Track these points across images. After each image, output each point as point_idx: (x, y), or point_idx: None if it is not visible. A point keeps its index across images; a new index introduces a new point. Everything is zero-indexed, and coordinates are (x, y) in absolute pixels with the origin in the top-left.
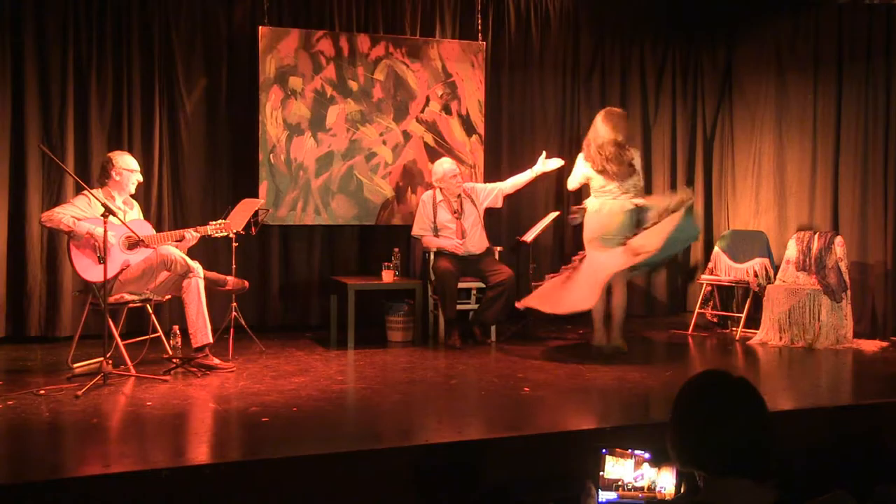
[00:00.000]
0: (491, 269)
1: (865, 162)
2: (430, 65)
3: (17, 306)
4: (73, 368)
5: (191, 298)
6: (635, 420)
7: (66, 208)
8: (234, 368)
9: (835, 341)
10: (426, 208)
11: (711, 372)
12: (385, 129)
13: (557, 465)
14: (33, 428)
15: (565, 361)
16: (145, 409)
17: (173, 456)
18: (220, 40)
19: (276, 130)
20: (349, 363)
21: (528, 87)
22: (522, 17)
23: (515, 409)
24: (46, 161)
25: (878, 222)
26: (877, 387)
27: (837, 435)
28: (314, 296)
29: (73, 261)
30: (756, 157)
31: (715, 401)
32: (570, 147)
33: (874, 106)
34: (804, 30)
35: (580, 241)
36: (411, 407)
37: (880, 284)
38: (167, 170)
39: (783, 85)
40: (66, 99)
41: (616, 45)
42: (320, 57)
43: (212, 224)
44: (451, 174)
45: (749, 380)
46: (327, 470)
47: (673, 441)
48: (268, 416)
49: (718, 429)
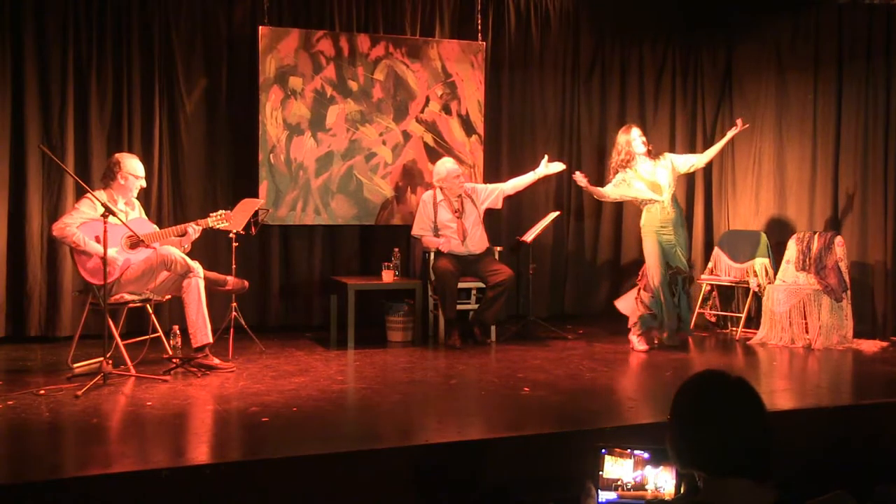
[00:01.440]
0: (491, 269)
1: (865, 162)
2: (429, 65)
3: (17, 306)
4: (73, 368)
5: (191, 298)
6: (635, 420)
7: (74, 217)
8: (234, 368)
9: (835, 341)
10: (426, 208)
11: (709, 372)
12: (385, 129)
13: (557, 465)
14: (33, 428)
15: (565, 361)
16: (145, 409)
17: (173, 456)
18: (220, 40)
19: (276, 130)
20: (349, 363)
21: (527, 87)
22: (522, 17)
23: (515, 409)
24: (46, 161)
25: (878, 222)
26: (877, 387)
27: (837, 435)
28: (314, 296)
29: (78, 261)
30: (756, 157)
31: (713, 401)
32: (570, 147)
33: (874, 106)
34: (804, 30)
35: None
36: (411, 407)
37: (880, 284)
38: (167, 170)
39: (783, 85)
40: (66, 99)
41: (616, 45)
42: (320, 57)
43: (212, 215)
44: (454, 174)
45: (747, 380)
46: (327, 470)
47: (672, 441)
48: (268, 416)
49: (717, 429)
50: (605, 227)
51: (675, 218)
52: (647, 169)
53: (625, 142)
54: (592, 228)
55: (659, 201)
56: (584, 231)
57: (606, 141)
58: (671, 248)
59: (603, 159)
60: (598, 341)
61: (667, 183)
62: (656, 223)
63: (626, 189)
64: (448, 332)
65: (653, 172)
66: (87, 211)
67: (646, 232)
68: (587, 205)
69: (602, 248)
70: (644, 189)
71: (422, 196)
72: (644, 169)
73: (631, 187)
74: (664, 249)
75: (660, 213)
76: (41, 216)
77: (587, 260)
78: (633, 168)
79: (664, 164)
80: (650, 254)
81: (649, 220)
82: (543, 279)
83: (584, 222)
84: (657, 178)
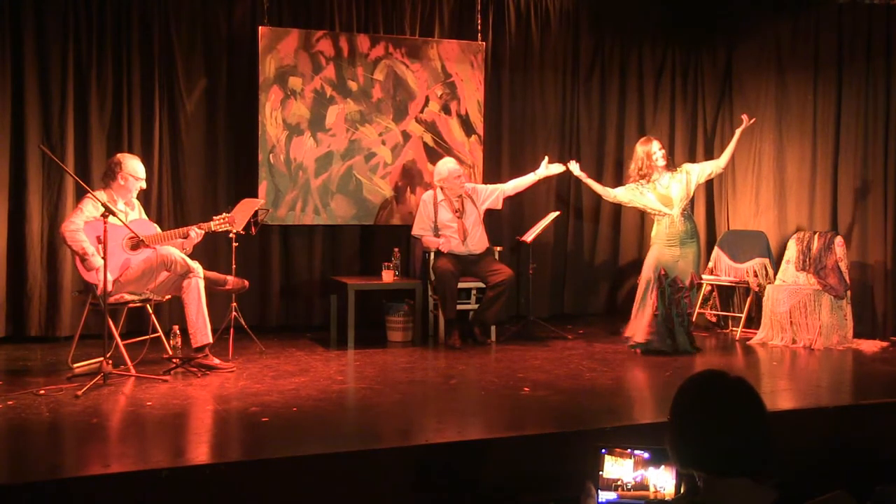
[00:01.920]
0: (491, 268)
1: (865, 162)
2: (429, 65)
3: (17, 306)
4: (73, 368)
5: (191, 298)
6: (635, 420)
7: (79, 217)
8: (234, 368)
9: (835, 341)
10: (427, 208)
11: (709, 372)
12: (384, 129)
13: (557, 465)
14: (33, 428)
15: (565, 361)
16: (145, 409)
17: (173, 456)
18: (220, 40)
19: (276, 130)
20: (349, 363)
21: (527, 87)
22: (522, 17)
23: (515, 409)
24: (46, 161)
25: (878, 222)
26: (877, 387)
27: (837, 435)
28: (314, 296)
29: (78, 262)
30: (756, 157)
31: (712, 401)
32: (570, 147)
33: (874, 106)
34: (804, 30)
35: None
36: (411, 407)
37: (880, 284)
38: (167, 170)
39: (783, 85)
40: (66, 99)
41: (616, 46)
42: (320, 57)
43: (215, 219)
44: (455, 174)
45: (747, 379)
46: (327, 470)
47: (672, 442)
48: (268, 416)
49: (716, 429)
50: (604, 228)
51: (684, 232)
52: (663, 183)
53: (644, 154)
54: (592, 228)
55: (668, 214)
56: (584, 231)
57: (606, 141)
58: (674, 261)
59: (603, 159)
60: (598, 341)
61: (679, 196)
62: (664, 236)
63: (639, 198)
64: (448, 332)
65: (668, 186)
66: (92, 210)
67: (652, 243)
68: (587, 205)
69: (602, 249)
70: (654, 201)
71: (422, 196)
72: (661, 183)
73: (644, 196)
74: (666, 262)
75: (668, 226)
76: (41, 216)
77: (587, 260)
78: (652, 181)
79: (680, 177)
80: (646, 264)
81: (658, 232)
82: (543, 279)
83: (584, 222)
84: (670, 192)
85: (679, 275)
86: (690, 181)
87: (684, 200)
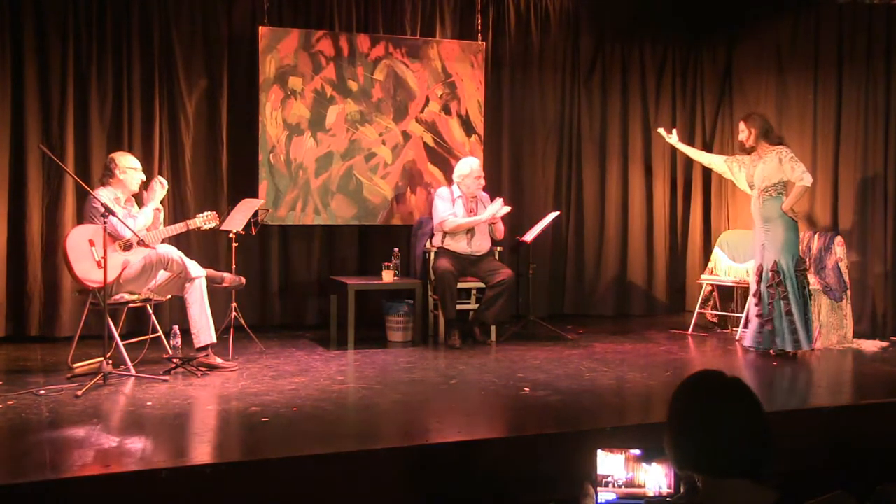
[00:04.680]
0: (491, 268)
1: (865, 162)
2: (429, 65)
3: (17, 306)
4: (73, 368)
5: (194, 298)
6: (634, 420)
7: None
8: (237, 367)
9: (835, 341)
10: (445, 200)
11: (705, 372)
12: (384, 129)
13: (557, 465)
14: (33, 428)
15: (565, 361)
16: (145, 409)
17: (173, 456)
18: (220, 40)
19: (276, 130)
20: (349, 363)
21: (528, 87)
22: (522, 17)
23: (515, 409)
24: (46, 161)
25: (878, 222)
26: (877, 387)
27: (837, 435)
28: (314, 296)
29: (72, 265)
30: None
31: (708, 402)
32: (570, 147)
33: (874, 106)
34: (804, 30)
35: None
36: (411, 407)
37: (880, 284)
38: (167, 170)
39: (783, 85)
40: (66, 99)
41: (616, 45)
42: (320, 57)
43: (199, 216)
44: (476, 174)
45: (743, 379)
46: (327, 470)
47: (670, 443)
48: (268, 416)
49: (713, 429)
50: (605, 227)
51: (765, 215)
52: (755, 162)
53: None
54: (592, 228)
55: (750, 194)
56: (584, 231)
57: (607, 141)
58: (760, 244)
59: (604, 159)
60: (598, 341)
61: (760, 177)
62: (756, 215)
63: (734, 169)
64: (448, 332)
65: (757, 166)
66: (105, 195)
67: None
68: (587, 205)
69: (602, 248)
70: (742, 180)
71: (437, 190)
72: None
73: (740, 170)
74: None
75: (752, 205)
76: (41, 216)
77: (587, 260)
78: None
79: (771, 157)
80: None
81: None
82: (543, 279)
83: (584, 222)
84: (756, 171)
85: (763, 262)
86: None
87: (767, 181)
